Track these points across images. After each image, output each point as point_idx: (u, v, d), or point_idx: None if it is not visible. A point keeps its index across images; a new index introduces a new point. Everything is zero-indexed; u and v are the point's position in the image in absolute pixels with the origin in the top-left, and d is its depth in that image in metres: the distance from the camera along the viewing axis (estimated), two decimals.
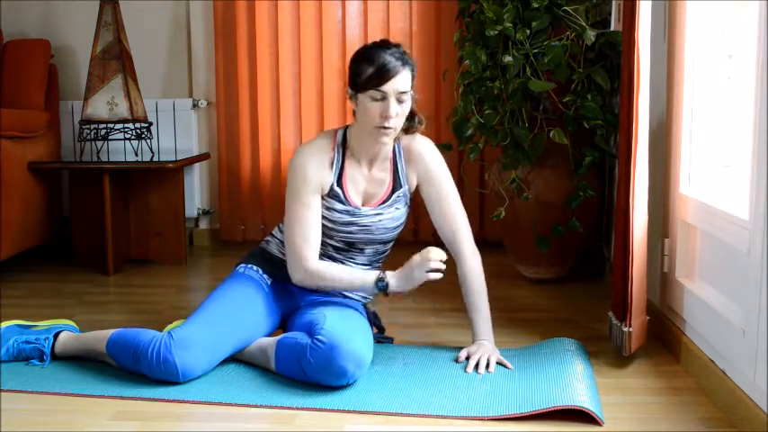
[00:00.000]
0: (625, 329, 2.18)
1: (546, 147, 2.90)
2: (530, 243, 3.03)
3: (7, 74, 3.62)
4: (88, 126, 3.48)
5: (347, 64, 3.69)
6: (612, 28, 2.95)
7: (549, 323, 2.63)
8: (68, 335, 2.26)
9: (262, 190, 3.88)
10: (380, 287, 2.14)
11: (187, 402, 1.96)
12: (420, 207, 2.37)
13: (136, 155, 3.56)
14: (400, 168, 2.27)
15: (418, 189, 2.30)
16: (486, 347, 2.19)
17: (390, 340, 2.37)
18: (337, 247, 2.26)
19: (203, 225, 4.06)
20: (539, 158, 2.95)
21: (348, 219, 2.21)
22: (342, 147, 2.23)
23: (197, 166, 3.94)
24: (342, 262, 2.27)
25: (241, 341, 2.16)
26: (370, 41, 3.66)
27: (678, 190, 2.31)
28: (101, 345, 2.16)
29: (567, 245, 3.07)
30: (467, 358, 2.18)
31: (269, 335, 2.24)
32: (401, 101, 2.11)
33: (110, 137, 3.50)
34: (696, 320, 2.14)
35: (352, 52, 3.69)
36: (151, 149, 3.59)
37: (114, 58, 3.44)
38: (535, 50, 2.86)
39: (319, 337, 2.00)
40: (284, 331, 2.27)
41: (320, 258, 2.21)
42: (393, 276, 2.15)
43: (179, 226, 3.58)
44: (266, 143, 3.86)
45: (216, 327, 2.11)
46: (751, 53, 1.88)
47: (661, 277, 2.41)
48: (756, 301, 1.73)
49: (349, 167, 2.22)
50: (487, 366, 2.13)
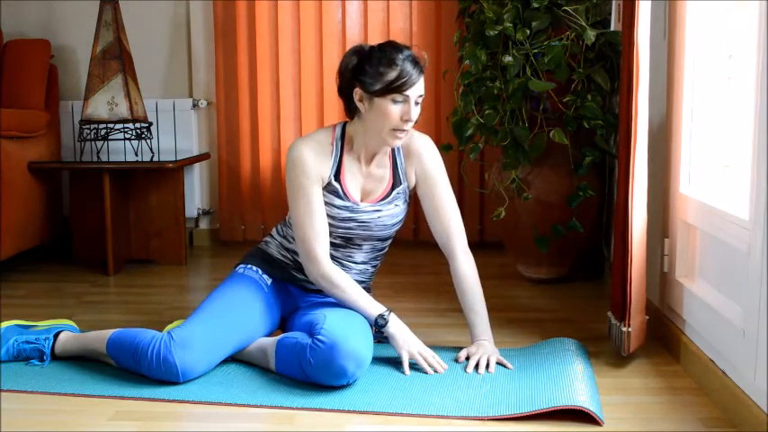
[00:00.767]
0: (624, 329, 2.18)
1: (546, 147, 2.90)
2: (530, 243, 3.03)
3: (7, 74, 3.63)
4: (88, 126, 3.48)
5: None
6: (612, 28, 2.95)
7: (549, 323, 2.63)
8: (68, 335, 2.26)
9: (262, 190, 3.88)
10: (379, 323, 2.14)
11: (187, 402, 1.96)
12: (421, 207, 2.36)
13: (136, 155, 3.56)
14: (399, 165, 2.28)
15: (415, 186, 2.31)
16: (486, 348, 2.19)
17: None
18: (335, 243, 2.25)
19: (203, 225, 4.07)
20: (539, 158, 2.95)
21: (347, 214, 2.21)
22: (341, 141, 2.23)
23: (197, 166, 3.94)
24: (340, 261, 2.27)
25: (241, 341, 2.15)
26: (369, 41, 3.70)
27: (678, 190, 2.31)
28: (101, 345, 2.16)
29: (567, 245, 3.07)
30: (467, 359, 2.18)
31: (269, 335, 2.24)
32: (418, 103, 2.17)
33: (110, 137, 3.50)
34: (696, 320, 2.14)
35: None
36: (151, 149, 3.59)
37: (114, 58, 3.45)
38: (535, 50, 2.86)
39: (319, 336, 2.00)
40: (284, 332, 2.27)
41: None
42: (396, 322, 2.16)
43: (179, 226, 3.58)
44: (266, 143, 3.86)
45: (216, 327, 2.11)
46: (751, 53, 1.88)
47: (661, 277, 2.41)
48: (756, 301, 1.73)
49: (347, 162, 2.22)
50: (487, 367, 2.13)
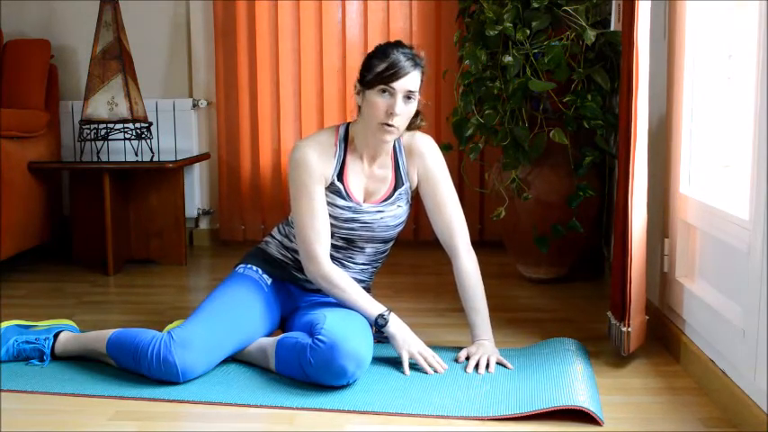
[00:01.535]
0: (624, 329, 2.18)
1: (546, 147, 2.90)
2: (530, 243, 3.03)
3: (7, 74, 3.63)
4: (88, 126, 3.48)
5: (347, 64, 3.76)
6: (612, 28, 2.95)
7: (549, 323, 2.63)
8: (68, 335, 2.26)
9: (262, 190, 3.88)
10: (379, 323, 2.14)
11: (187, 402, 1.96)
12: (421, 206, 2.37)
13: (136, 155, 3.56)
14: (401, 165, 2.27)
15: (417, 186, 2.31)
16: (486, 347, 2.19)
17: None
18: (337, 245, 2.24)
19: (203, 225, 4.07)
20: (539, 158, 2.95)
21: (350, 215, 2.21)
22: (344, 142, 2.23)
23: (197, 166, 3.94)
24: (341, 262, 2.27)
25: (241, 341, 2.15)
26: (370, 41, 3.72)
27: (678, 190, 2.31)
28: (101, 345, 2.16)
29: (567, 245, 3.07)
30: (467, 358, 2.18)
31: (268, 335, 2.24)
32: (408, 100, 2.13)
33: (110, 137, 3.50)
34: (696, 320, 2.14)
35: (352, 52, 3.78)
36: (151, 149, 3.59)
37: (114, 58, 3.45)
38: (535, 50, 2.86)
39: (320, 336, 2.00)
40: (284, 332, 2.27)
41: None
42: (396, 321, 2.15)
43: (179, 226, 3.58)
44: (266, 143, 3.86)
45: (216, 327, 2.11)
46: (751, 53, 1.88)
47: (661, 277, 2.41)
48: (756, 301, 1.73)
49: (350, 162, 2.22)
50: (487, 367, 2.13)
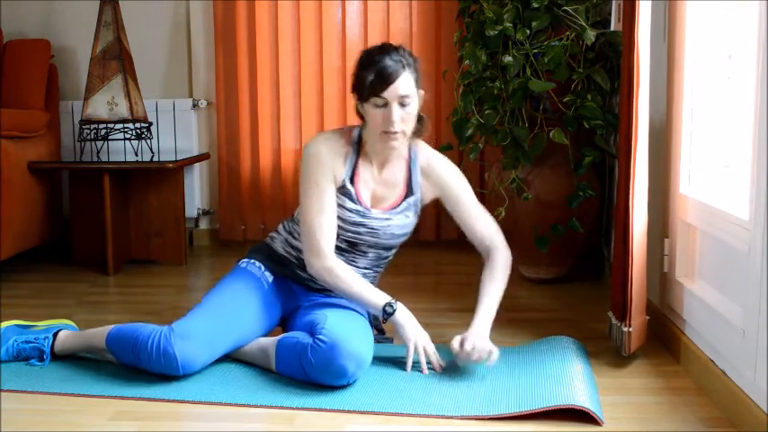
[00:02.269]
0: (625, 329, 2.18)
1: (546, 147, 2.89)
2: (530, 243, 3.03)
3: (7, 74, 3.63)
4: (88, 126, 3.48)
5: (347, 64, 3.75)
6: (612, 28, 2.95)
7: (549, 323, 2.63)
8: (68, 333, 2.26)
9: (262, 190, 3.88)
10: (387, 311, 2.13)
11: (187, 402, 1.96)
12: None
13: (136, 155, 3.56)
14: (414, 176, 2.25)
15: (442, 204, 2.29)
16: (481, 337, 2.12)
17: (390, 341, 2.37)
18: (340, 247, 2.23)
19: (203, 225, 4.07)
20: (539, 158, 2.95)
21: (358, 219, 2.20)
22: (357, 145, 2.21)
23: (197, 166, 3.94)
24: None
25: (240, 337, 2.15)
26: (370, 42, 3.71)
27: (678, 190, 2.31)
28: (100, 340, 2.16)
29: (567, 245, 3.07)
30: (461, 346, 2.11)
31: (269, 333, 2.24)
32: (404, 104, 2.09)
33: (110, 137, 3.50)
34: (696, 320, 2.14)
35: (352, 52, 3.78)
36: (151, 149, 3.59)
37: (114, 58, 3.44)
38: (535, 50, 2.86)
39: (320, 336, 2.00)
40: (285, 330, 2.27)
41: None
42: (404, 311, 2.15)
43: (179, 226, 3.58)
44: (266, 143, 3.86)
45: (216, 320, 2.11)
46: (751, 53, 1.88)
47: (661, 277, 2.41)
48: (756, 301, 1.73)
49: (362, 167, 2.21)
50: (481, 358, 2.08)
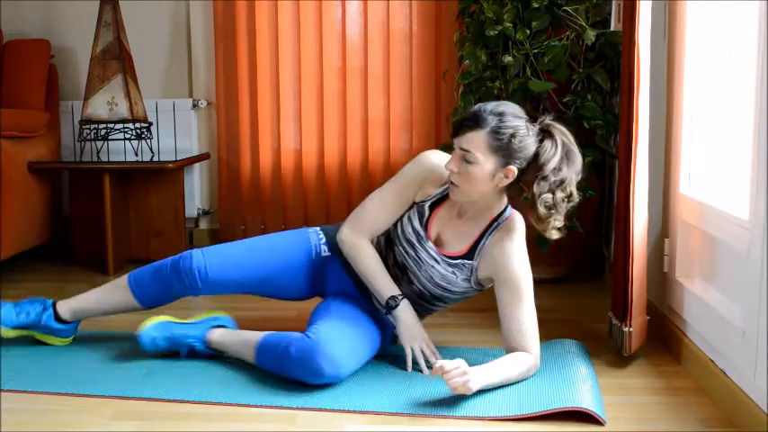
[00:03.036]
0: (625, 329, 2.18)
1: None
2: (530, 243, 3.02)
3: (7, 74, 3.62)
4: (88, 126, 3.49)
5: (347, 64, 3.75)
6: (612, 28, 2.95)
7: (549, 323, 2.63)
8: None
9: (262, 190, 3.88)
10: (390, 304, 2.14)
11: (187, 402, 1.96)
12: None
13: (136, 155, 3.56)
14: (482, 243, 2.12)
15: (493, 285, 2.14)
16: (475, 373, 1.93)
17: None
18: (396, 261, 2.20)
19: (203, 225, 4.06)
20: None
21: (414, 240, 2.16)
22: None
23: (197, 166, 3.94)
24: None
25: (261, 280, 2.27)
26: (370, 41, 3.72)
27: (678, 190, 2.31)
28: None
29: (567, 245, 3.07)
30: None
31: (290, 299, 2.35)
32: (468, 161, 1.99)
33: (110, 137, 3.50)
34: (696, 320, 2.14)
35: (352, 52, 3.78)
36: (151, 149, 3.59)
37: (114, 58, 3.45)
38: (535, 50, 2.86)
39: (308, 332, 2.03)
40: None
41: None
42: (407, 308, 2.15)
43: (179, 226, 3.58)
44: (266, 143, 3.86)
45: (246, 262, 2.26)
46: (751, 53, 1.88)
47: (661, 277, 2.41)
48: (756, 301, 1.73)
49: (447, 204, 2.16)
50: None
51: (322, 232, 2.33)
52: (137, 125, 3.51)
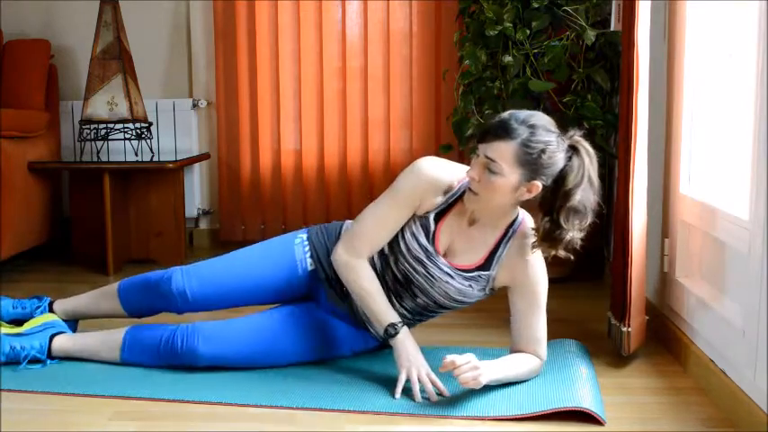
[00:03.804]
0: (624, 329, 2.18)
1: None
2: None
3: (7, 74, 3.62)
4: (88, 126, 3.48)
5: (347, 64, 3.75)
6: (612, 28, 2.95)
7: (549, 323, 2.61)
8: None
9: (262, 190, 3.88)
10: (389, 332, 2.02)
11: (187, 402, 1.96)
12: None
13: (136, 155, 3.56)
14: (500, 251, 2.05)
15: (507, 292, 2.10)
16: (484, 367, 1.91)
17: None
18: (396, 278, 2.09)
19: (203, 225, 4.07)
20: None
21: (422, 257, 2.04)
22: (462, 190, 2.03)
23: (197, 166, 3.94)
24: (390, 298, 2.11)
25: (240, 299, 2.24)
26: (370, 41, 3.72)
27: (678, 190, 2.31)
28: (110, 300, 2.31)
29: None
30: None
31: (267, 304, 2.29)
32: (491, 171, 1.88)
33: (110, 137, 3.50)
34: (696, 320, 2.14)
35: (352, 52, 3.78)
36: (151, 149, 3.59)
37: (114, 58, 3.44)
38: (535, 50, 2.86)
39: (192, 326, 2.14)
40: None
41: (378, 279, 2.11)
42: (406, 336, 2.03)
43: (179, 226, 3.58)
44: (266, 143, 3.86)
45: (225, 276, 2.22)
46: (751, 53, 1.88)
47: (661, 277, 2.41)
48: (756, 301, 1.73)
49: (454, 212, 2.05)
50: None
51: (308, 242, 2.21)
52: (137, 125, 3.51)
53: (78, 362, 2.22)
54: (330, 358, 2.22)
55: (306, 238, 2.23)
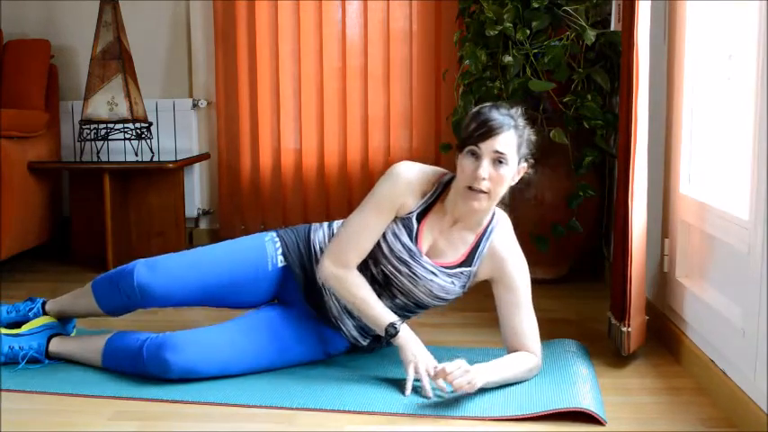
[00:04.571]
0: (624, 329, 2.18)
1: (546, 147, 2.89)
2: (529, 243, 3.03)
3: (7, 74, 3.63)
4: (88, 126, 3.49)
5: (347, 64, 3.76)
6: (612, 28, 2.95)
7: (549, 323, 2.63)
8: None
9: (262, 190, 3.88)
10: (389, 332, 2.04)
11: (187, 402, 1.96)
12: None
13: (136, 155, 3.56)
14: (480, 249, 2.10)
15: (491, 287, 2.13)
16: (478, 371, 1.94)
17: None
18: (375, 278, 2.12)
19: (203, 225, 4.07)
20: (538, 158, 2.94)
21: (406, 257, 2.07)
22: (441, 189, 2.10)
23: (197, 166, 3.94)
24: None
25: (211, 298, 2.19)
26: (370, 41, 3.72)
27: (678, 190, 2.31)
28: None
29: (567, 245, 3.07)
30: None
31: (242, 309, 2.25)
32: (500, 162, 1.96)
33: (110, 137, 3.50)
34: (696, 320, 2.14)
35: (352, 52, 3.78)
36: (151, 149, 3.59)
37: (114, 58, 3.45)
38: (535, 50, 2.86)
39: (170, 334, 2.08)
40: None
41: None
42: (408, 332, 2.05)
43: (179, 226, 3.58)
44: (266, 143, 3.86)
45: (190, 271, 2.16)
46: (751, 53, 1.88)
47: (661, 277, 2.41)
48: (756, 301, 1.73)
49: (434, 213, 2.09)
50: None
51: (278, 239, 2.21)
52: (137, 125, 3.51)
53: (78, 362, 2.22)
54: (305, 362, 2.19)
55: (276, 235, 2.24)
